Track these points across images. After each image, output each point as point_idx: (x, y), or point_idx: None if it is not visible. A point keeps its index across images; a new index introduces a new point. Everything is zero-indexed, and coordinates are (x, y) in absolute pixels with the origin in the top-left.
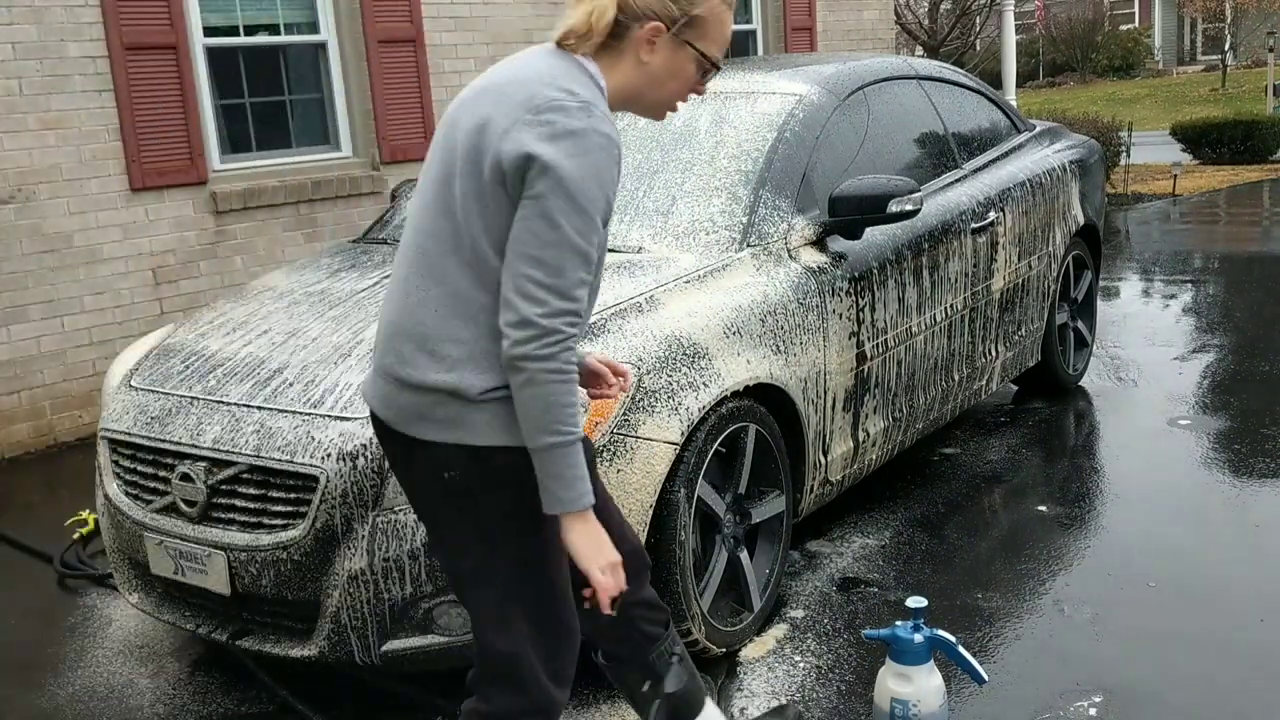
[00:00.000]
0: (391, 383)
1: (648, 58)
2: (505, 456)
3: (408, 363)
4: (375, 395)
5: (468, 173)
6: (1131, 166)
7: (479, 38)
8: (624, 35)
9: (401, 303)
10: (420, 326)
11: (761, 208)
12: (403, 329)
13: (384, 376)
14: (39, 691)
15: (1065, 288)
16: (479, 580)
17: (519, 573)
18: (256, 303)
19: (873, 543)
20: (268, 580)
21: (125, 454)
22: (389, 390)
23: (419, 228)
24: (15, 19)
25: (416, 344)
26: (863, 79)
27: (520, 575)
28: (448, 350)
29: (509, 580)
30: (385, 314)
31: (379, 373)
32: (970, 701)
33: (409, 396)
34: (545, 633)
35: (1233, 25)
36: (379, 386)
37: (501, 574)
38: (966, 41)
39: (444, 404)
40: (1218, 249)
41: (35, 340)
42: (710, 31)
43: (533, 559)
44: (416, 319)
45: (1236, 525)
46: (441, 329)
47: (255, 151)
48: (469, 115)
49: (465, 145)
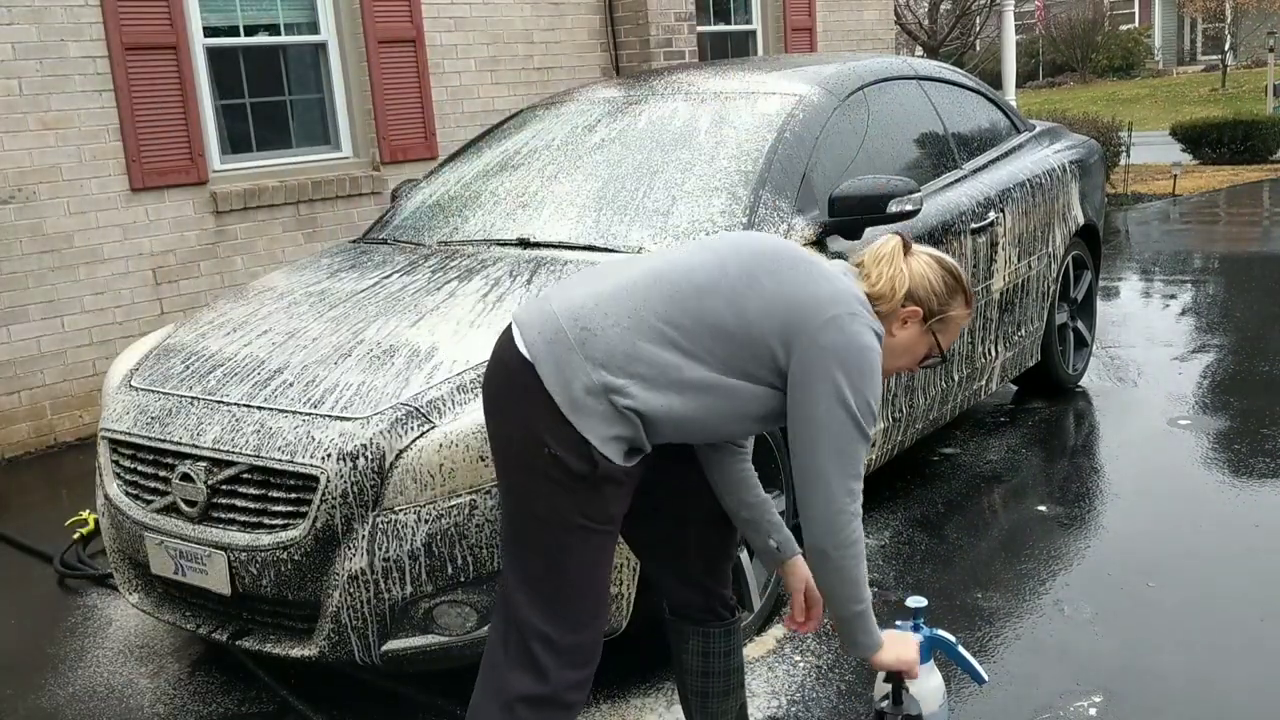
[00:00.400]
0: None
1: (898, 332)
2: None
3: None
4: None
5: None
6: (1131, 166)
7: (479, 38)
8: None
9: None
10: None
11: (761, 208)
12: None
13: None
14: (39, 691)
15: (1065, 288)
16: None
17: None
18: (256, 303)
19: (873, 543)
20: (268, 580)
21: (125, 454)
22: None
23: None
24: (15, 19)
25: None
26: (863, 79)
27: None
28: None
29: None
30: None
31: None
32: (970, 701)
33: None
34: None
35: (1233, 25)
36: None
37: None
38: (966, 41)
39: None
40: (1218, 249)
41: (35, 340)
42: (950, 329)
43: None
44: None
45: (1236, 525)
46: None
47: (255, 151)
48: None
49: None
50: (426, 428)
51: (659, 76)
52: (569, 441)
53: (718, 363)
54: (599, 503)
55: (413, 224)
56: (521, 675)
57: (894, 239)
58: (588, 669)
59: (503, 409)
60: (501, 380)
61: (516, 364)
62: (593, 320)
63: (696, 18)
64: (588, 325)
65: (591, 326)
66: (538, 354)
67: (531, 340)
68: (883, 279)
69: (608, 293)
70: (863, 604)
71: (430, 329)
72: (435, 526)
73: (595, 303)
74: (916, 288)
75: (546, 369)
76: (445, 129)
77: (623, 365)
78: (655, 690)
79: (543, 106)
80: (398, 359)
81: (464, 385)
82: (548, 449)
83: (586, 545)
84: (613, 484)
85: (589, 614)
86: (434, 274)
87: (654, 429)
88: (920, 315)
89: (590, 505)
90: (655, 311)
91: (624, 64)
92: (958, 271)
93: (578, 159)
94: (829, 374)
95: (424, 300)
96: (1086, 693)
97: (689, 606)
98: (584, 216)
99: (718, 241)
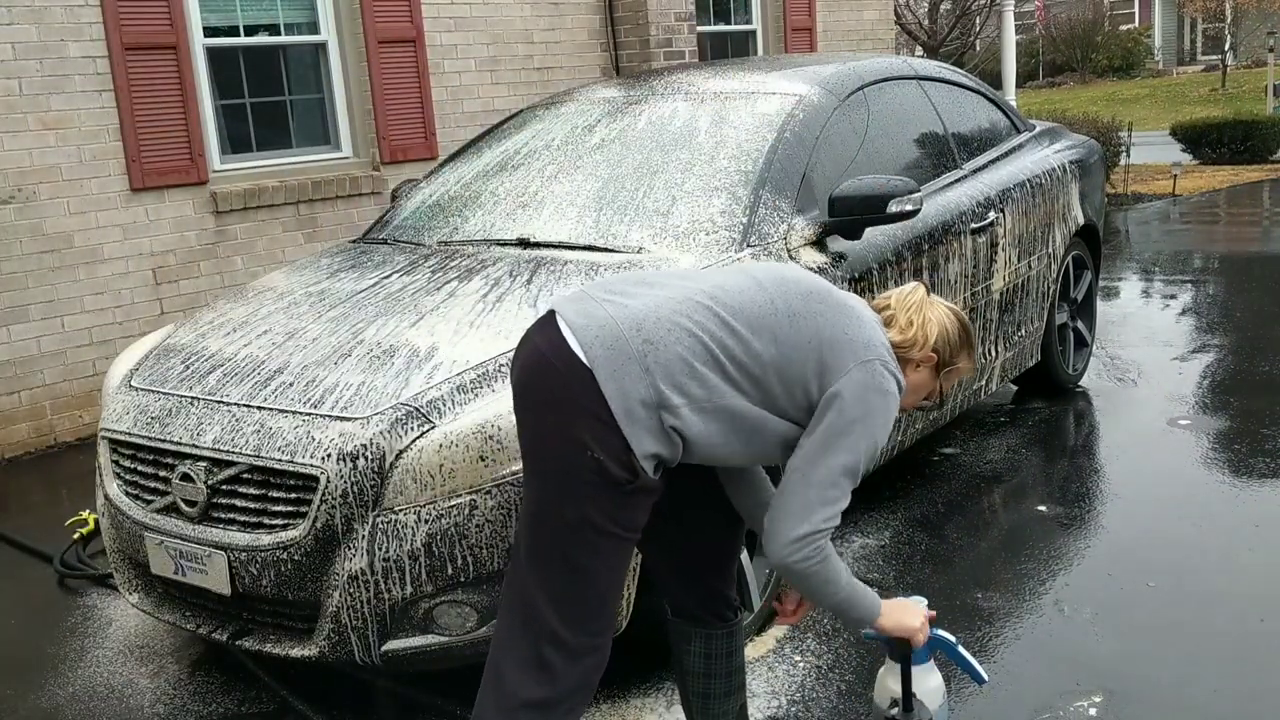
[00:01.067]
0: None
1: (911, 374)
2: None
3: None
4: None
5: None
6: (1131, 166)
7: (479, 38)
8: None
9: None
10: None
11: (761, 208)
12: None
13: None
14: (39, 691)
15: (1065, 288)
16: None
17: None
18: (256, 303)
19: (873, 543)
20: (268, 580)
21: (125, 454)
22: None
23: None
24: (15, 19)
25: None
26: (863, 79)
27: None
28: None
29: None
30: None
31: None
32: (970, 701)
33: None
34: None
35: (1233, 25)
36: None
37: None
38: (966, 41)
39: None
40: (1218, 249)
41: (35, 340)
42: (953, 378)
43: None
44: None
45: (1236, 525)
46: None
47: (255, 151)
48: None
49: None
50: (426, 428)
51: (659, 76)
52: (615, 449)
53: (756, 394)
54: (630, 511)
55: (413, 224)
56: (528, 679)
57: (920, 288)
58: (595, 675)
59: (547, 407)
60: (549, 379)
61: (568, 365)
62: (655, 334)
63: (696, 18)
64: (650, 338)
65: (654, 340)
66: (596, 359)
67: (589, 344)
68: (914, 327)
69: (668, 308)
70: (842, 591)
71: (430, 329)
72: (435, 527)
73: (657, 316)
74: (938, 337)
75: (605, 375)
76: (445, 129)
77: (680, 384)
78: (655, 690)
79: (543, 106)
80: (398, 359)
81: (464, 385)
82: (591, 453)
83: (614, 552)
84: (645, 494)
85: (606, 618)
86: (434, 274)
87: (689, 450)
88: (935, 361)
89: (623, 513)
90: (712, 335)
91: (624, 64)
92: (970, 327)
93: (578, 159)
94: (847, 411)
95: (424, 300)
96: (1086, 693)
97: (692, 607)
98: (584, 217)
99: (764, 274)
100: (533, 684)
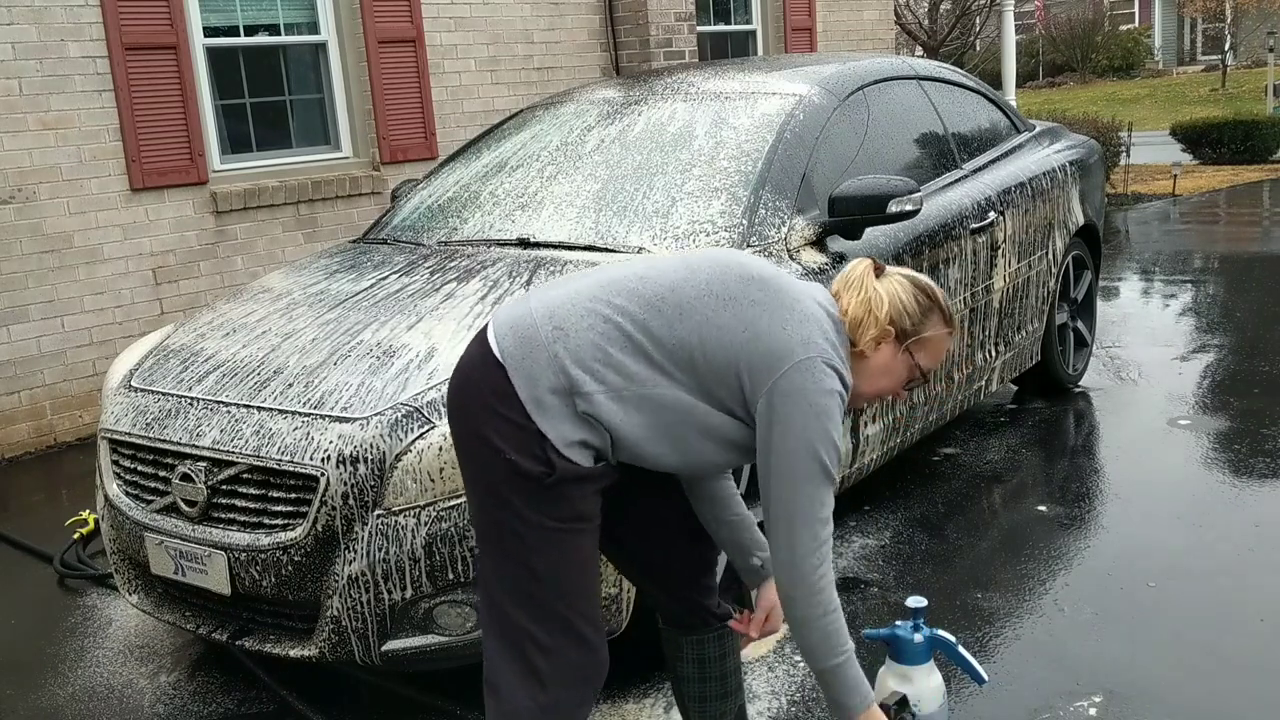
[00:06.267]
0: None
1: (871, 355)
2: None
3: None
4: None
5: None
6: (1131, 166)
7: (479, 38)
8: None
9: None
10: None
11: (761, 208)
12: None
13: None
14: (39, 691)
15: (1065, 288)
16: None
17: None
18: (256, 303)
19: (873, 543)
20: (268, 581)
21: (125, 454)
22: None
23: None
24: (15, 19)
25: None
26: (863, 79)
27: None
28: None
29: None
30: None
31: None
32: (970, 701)
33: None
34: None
35: (1233, 25)
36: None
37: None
38: (966, 41)
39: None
40: (1218, 249)
41: (35, 340)
42: (929, 349)
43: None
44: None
45: (1236, 525)
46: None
47: (255, 151)
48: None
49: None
50: (426, 429)
51: (659, 77)
52: (526, 444)
53: (690, 382)
54: (562, 503)
55: (412, 224)
56: (519, 688)
57: (863, 262)
58: (590, 672)
59: (464, 410)
60: (465, 389)
61: (482, 364)
62: (568, 320)
63: (696, 18)
64: (561, 324)
65: (565, 326)
66: (507, 351)
67: (503, 339)
68: (853, 304)
69: (586, 293)
70: (841, 656)
71: (429, 329)
72: (435, 528)
73: (573, 303)
74: (889, 308)
75: (513, 367)
76: (445, 129)
77: (592, 369)
78: (655, 690)
79: (542, 107)
80: (397, 360)
81: None
82: (503, 454)
83: (559, 546)
84: (575, 483)
85: (580, 614)
86: (433, 274)
87: (616, 444)
88: (893, 335)
89: (553, 506)
90: (634, 319)
91: (624, 64)
92: (932, 290)
93: (578, 159)
94: (791, 419)
95: (423, 301)
96: (1086, 693)
97: (679, 617)
98: (584, 217)
99: (699, 259)
100: (524, 692)
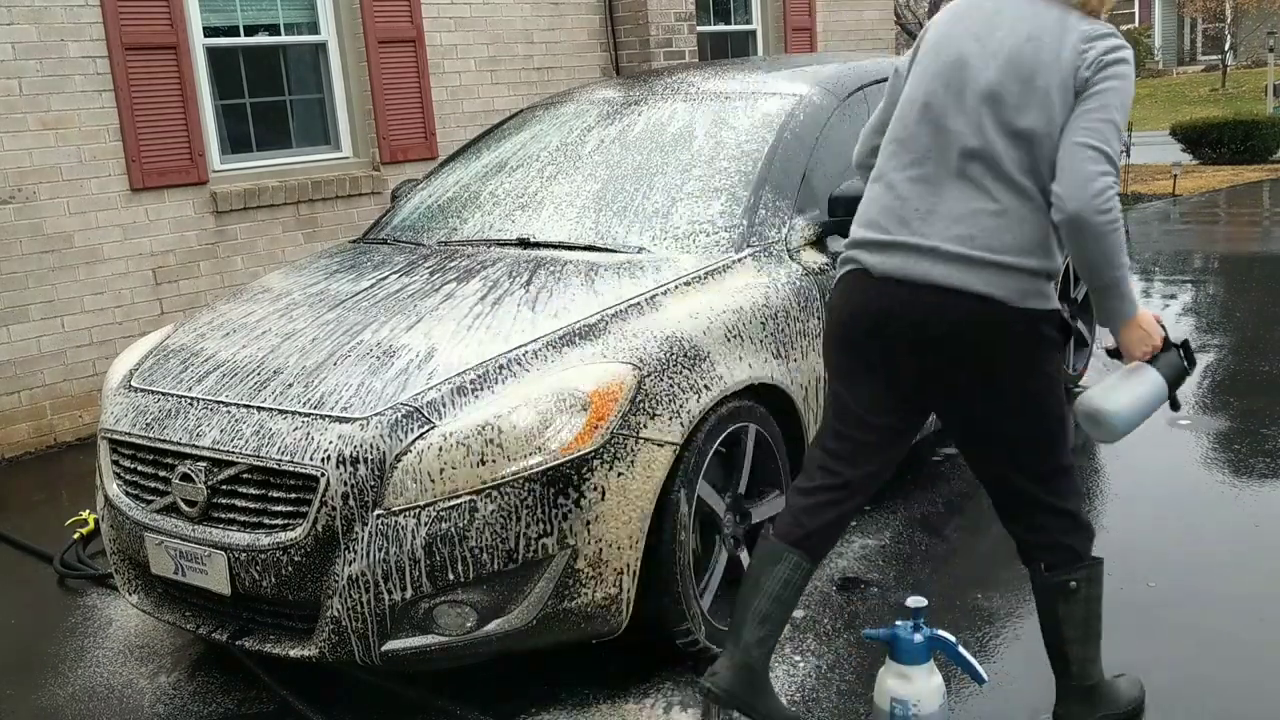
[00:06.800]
0: (996, 269)
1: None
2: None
3: (1011, 251)
4: (973, 279)
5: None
6: (1131, 166)
7: (479, 38)
8: None
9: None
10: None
11: (762, 209)
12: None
13: (986, 265)
14: (39, 691)
15: (1065, 288)
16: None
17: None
18: (256, 304)
19: (873, 543)
20: (268, 581)
21: (125, 454)
22: (993, 276)
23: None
24: (15, 19)
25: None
26: (863, 79)
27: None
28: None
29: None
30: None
31: (974, 262)
32: (970, 701)
33: (1019, 279)
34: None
35: (1233, 25)
36: (975, 273)
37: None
38: None
39: (1039, 282)
40: (1218, 249)
41: (35, 340)
42: None
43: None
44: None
45: (1236, 524)
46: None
47: (255, 151)
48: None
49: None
50: (426, 429)
51: (659, 77)
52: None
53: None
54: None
55: (412, 224)
56: (1058, 521)
57: None
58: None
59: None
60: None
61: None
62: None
63: (696, 18)
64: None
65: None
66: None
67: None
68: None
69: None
70: (1120, 269)
71: (429, 330)
72: (435, 528)
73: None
74: None
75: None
76: (445, 129)
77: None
78: (655, 690)
79: (542, 107)
80: (397, 360)
81: (463, 387)
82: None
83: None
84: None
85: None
86: (433, 274)
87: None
88: None
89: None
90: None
91: (624, 64)
92: None
93: (577, 159)
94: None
95: (423, 301)
96: None
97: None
98: (584, 217)
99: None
100: (1065, 520)
